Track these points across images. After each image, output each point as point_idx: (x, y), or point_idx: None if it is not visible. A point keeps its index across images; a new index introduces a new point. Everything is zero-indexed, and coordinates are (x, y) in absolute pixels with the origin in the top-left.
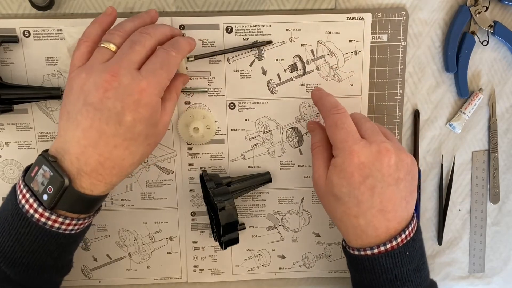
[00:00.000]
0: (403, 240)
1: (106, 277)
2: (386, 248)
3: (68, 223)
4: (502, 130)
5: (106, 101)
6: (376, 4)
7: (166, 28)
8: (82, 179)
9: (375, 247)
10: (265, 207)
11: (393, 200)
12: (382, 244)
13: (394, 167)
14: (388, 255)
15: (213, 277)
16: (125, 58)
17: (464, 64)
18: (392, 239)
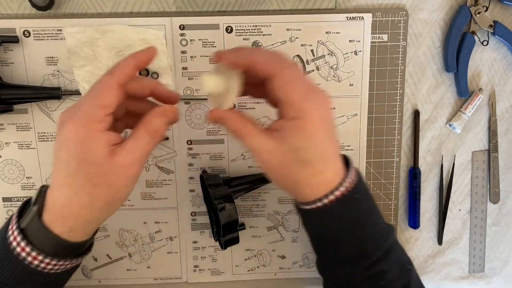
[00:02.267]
0: (351, 183)
1: (106, 277)
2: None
3: (47, 262)
4: (502, 130)
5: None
6: (376, 4)
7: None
8: (45, 213)
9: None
10: (265, 207)
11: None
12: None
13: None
14: (339, 202)
15: (213, 277)
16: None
17: (464, 64)
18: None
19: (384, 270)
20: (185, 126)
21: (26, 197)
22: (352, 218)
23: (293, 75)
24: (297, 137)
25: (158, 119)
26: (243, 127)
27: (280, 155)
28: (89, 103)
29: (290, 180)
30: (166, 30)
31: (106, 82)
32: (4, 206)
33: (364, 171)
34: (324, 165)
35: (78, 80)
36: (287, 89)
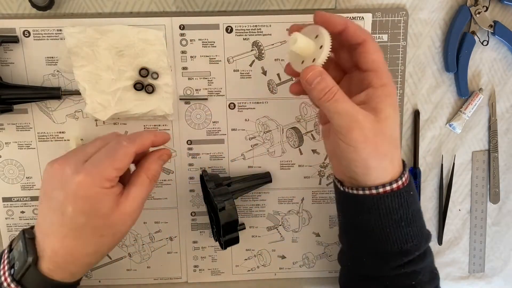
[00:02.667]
0: (407, 179)
1: (106, 277)
2: (392, 188)
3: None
4: (502, 130)
5: (53, 191)
6: (376, 4)
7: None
8: (43, 262)
9: (381, 186)
10: (265, 207)
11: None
12: (391, 183)
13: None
14: (395, 195)
15: (213, 277)
16: (80, 151)
17: (464, 64)
18: (398, 178)
19: (417, 270)
20: (185, 126)
21: (26, 197)
22: (402, 213)
23: (378, 45)
24: (388, 104)
25: (156, 164)
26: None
27: (376, 125)
28: (106, 164)
29: (382, 151)
30: (166, 30)
31: (126, 149)
32: (4, 206)
33: None
34: (398, 141)
35: (78, 80)
36: (379, 55)
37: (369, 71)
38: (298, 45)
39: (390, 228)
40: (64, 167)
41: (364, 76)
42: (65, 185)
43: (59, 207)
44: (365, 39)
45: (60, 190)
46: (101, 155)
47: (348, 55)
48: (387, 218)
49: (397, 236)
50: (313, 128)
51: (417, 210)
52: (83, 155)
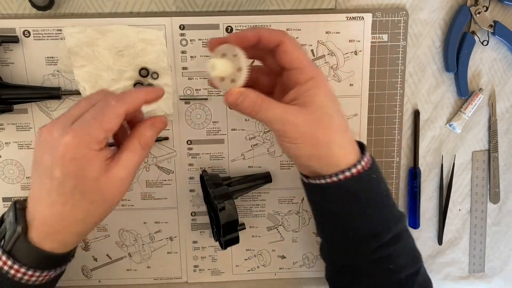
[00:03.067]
0: (367, 162)
1: (106, 277)
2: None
3: (31, 274)
4: (502, 130)
5: (41, 156)
6: (376, 4)
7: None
8: (32, 231)
9: (340, 173)
10: (265, 207)
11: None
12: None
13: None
14: (355, 179)
15: (213, 277)
16: (67, 113)
17: (464, 64)
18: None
19: (393, 254)
20: (185, 126)
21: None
22: (367, 197)
23: (298, 43)
24: (320, 93)
25: (150, 131)
26: (263, 99)
27: (309, 115)
28: (94, 125)
29: (324, 141)
30: (166, 30)
31: (114, 108)
32: (4, 206)
33: None
34: (344, 124)
35: (78, 80)
36: (300, 53)
37: (293, 69)
38: (216, 73)
39: (356, 213)
40: (51, 130)
41: (291, 74)
42: (52, 148)
43: (47, 171)
44: (281, 40)
45: (48, 154)
46: (89, 116)
47: (273, 59)
48: (352, 203)
49: (365, 220)
50: None
51: (383, 193)
52: (70, 117)
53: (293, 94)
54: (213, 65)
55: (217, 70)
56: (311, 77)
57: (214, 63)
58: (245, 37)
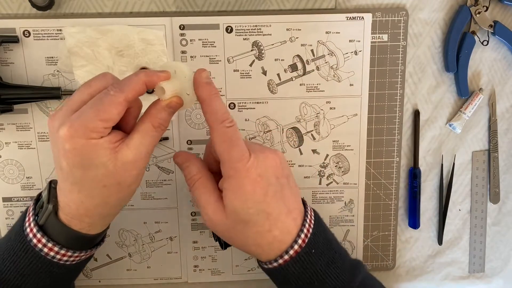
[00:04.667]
0: (304, 239)
1: (106, 277)
2: (291, 255)
3: (63, 254)
4: (502, 130)
5: (51, 147)
6: (376, 4)
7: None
8: (60, 211)
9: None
10: None
11: (291, 197)
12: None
13: (280, 167)
14: (294, 261)
15: (213, 277)
16: (67, 102)
17: (464, 64)
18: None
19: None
20: (185, 126)
21: (26, 197)
22: (310, 274)
23: (230, 135)
24: (234, 198)
25: (164, 112)
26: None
27: (224, 218)
28: (90, 115)
29: (239, 242)
30: (166, 30)
31: (112, 98)
32: (4, 206)
33: (364, 171)
34: (268, 223)
35: (78, 80)
36: (223, 147)
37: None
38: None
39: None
40: (53, 121)
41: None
42: (55, 139)
43: (57, 162)
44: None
45: (53, 146)
46: (87, 107)
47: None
48: (298, 283)
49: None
50: (313, 128)
51: (328, 262)
52: (71, 106)
53: (220, 185)
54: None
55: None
56: (230, 175)
57: (163, 88)
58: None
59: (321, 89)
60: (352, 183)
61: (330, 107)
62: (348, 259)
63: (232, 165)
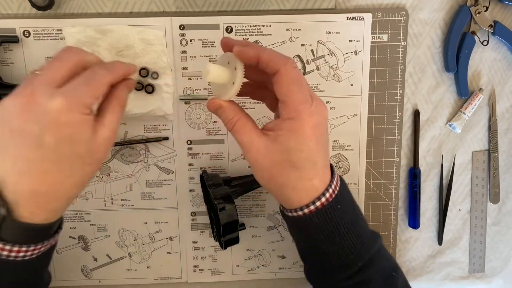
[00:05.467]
0: (332, 194)
1: (106, 277)
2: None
3: (17, 250)
4: (502, 130)
5: (25, 125)
6: (376, 4)
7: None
8: (20, 209)
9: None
10: (265, 207)
11: (328, 151)
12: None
13: (327, 121)
14: (320, 213)
15: (213, 277)
16: (43, 77)
17: (464, 64)
18: (321, 195)
19: (367, 279)
20: (185, 126)
21: None
22: (332, 228)
23: (296, 76)
24: (291, 138)
25: (124, 92)
26: (238, 120)
27: (271, 154)
28: (84, 90)
29: (278, 182)
30: (166, 30)
31: (104, 78)
32: None
33: (364, 171)
34: (313, 172)
35: None
36: (289, 88)
37: (281, 102)
38: (208, 79)
39: (325, 245)
40: (33, 97)
41: (279, 104)
42: (41, 115)
43: (35, 140)
44: (279, 70)
45: (34, 122)
46: (79, 82)
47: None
48: (319, 235)
49: (334, 251)
50: None
51: (351, 221)
52: (51, 82)
53: (273, 124)
54: (207, 70)
55: (210, 76)
56: (291, 117)
57: (208, 69)
58: (245, 54)
59: (321, 89)
60: (352, 183)
61: (330, 107)
62: (369, 228)
63: (297, 107)
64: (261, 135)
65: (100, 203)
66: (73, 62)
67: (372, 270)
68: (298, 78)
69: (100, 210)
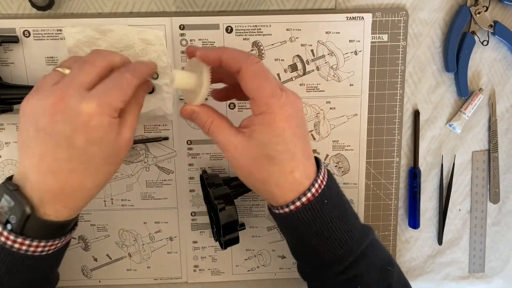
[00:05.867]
0: (318, 189)
1: (106, 277)
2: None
3: (36, 245)
4: (502, 130)
5: (55, 125)
6: (376, 4)
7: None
8: (45, 206)
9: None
10: (265, 207)
11: (309, 142)
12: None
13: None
14: (306, 208)
15: (213, 277)
16: (74, 79)
17: (464, 64)
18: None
19: (359, 274)
20: (185, 126)
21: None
22: (320, 224)
23: (259, 70)
24: (264, 132)
25: (144, 94)
26: (213, 121)
27: (248, 151)
28: (114, 95)
29: (259, 178)
30: (166, 30)
31: (132, 83)
32: None
33: (364, 171)
34: (293, 164)
35: None
36: (254, 83)
37: (250, 99)
38: (175, 85)
39: (313, 240)
40: (65, 99)
41: (250, 101)
42: (73, 117)
43: (66, 141)
44: (240, 68)
45: (65, 123)
46: (108, 85)
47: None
48: (307, 232)
49: (323, 246)
50: (313, 128)
51: (340, 216)
52: (81, 84)
53: (247, 121)
54: (173, 77)
55: (176, 82)
56: (262, 111)
57: (174, 75)
58: (207, 56)
59: (321, 89)
60: (352, 183)
61: (330, 107)
62: (359, 222)
63: (266, 100)
64: (237, 133)
65: (100, 203)
66: (102, 66)
67: (364, 264)
68: (262, 72)
69: (100, 210)
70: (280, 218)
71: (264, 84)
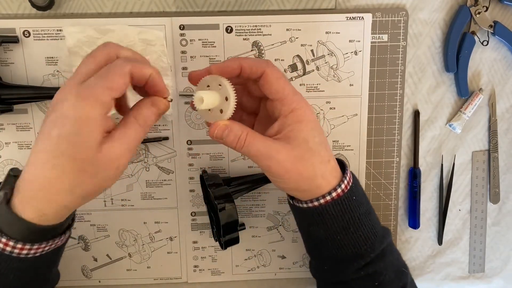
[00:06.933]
0: (347, 185)
1: (106, 277)
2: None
3: (20, 247)
4: (502, 130)
5: (49, 114)
6: (376, 4)
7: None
8: (16, 196)
9: (321, 197)
10: (265, 207)
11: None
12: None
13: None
14: (336, 203)
15: (213, 277)
16: (75, 72)
17: (464, 64)
18: (337, 186)
19: (378, 271)
20: (185, 126)
21: None
22: (348, 219)
23: (280, 72)
24: (302, 128)
25: (148, 110)
26: (248, 132)
27: (291, 151)
28: (97, 83)
29: (307, 176)
30: (166, 30)
31: (120, 68)
32: None
33: (364, 171)
34: (327, 154)
35: None
36: (280, 84)
37: (276, 100)
38: (206, 104)
39: (339, 235)
40: (62, 90)
41: (274, 105)
42: (57, 106)
43: (46, 130)
44: (264, 71)
45: (52, 112)
46: (94, 77)
47: (256, 86)
48: (334, 226)
49: (348, 241)
50: None
51: (365, 213)
52: (78, 76)
53: (277, 126)
54: (200, 98)
55: (205, 103)
56: (293, 109)
57: (201, 96)
58: (227, 68)
59: (321, 89)
60: None
61: (330, 107)
62: (380, 221)
63: (294, 97)
64: (273, 139)
65: (100, 203)
66: (102, 55)
67: (383, 262)
68: (282, 74)
69: (100, 210)
70: (306, 212)
71: (286, 83)
